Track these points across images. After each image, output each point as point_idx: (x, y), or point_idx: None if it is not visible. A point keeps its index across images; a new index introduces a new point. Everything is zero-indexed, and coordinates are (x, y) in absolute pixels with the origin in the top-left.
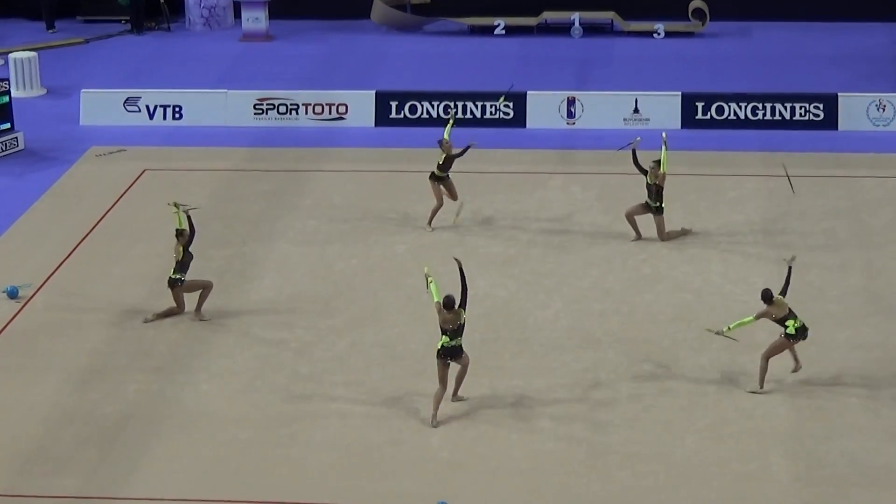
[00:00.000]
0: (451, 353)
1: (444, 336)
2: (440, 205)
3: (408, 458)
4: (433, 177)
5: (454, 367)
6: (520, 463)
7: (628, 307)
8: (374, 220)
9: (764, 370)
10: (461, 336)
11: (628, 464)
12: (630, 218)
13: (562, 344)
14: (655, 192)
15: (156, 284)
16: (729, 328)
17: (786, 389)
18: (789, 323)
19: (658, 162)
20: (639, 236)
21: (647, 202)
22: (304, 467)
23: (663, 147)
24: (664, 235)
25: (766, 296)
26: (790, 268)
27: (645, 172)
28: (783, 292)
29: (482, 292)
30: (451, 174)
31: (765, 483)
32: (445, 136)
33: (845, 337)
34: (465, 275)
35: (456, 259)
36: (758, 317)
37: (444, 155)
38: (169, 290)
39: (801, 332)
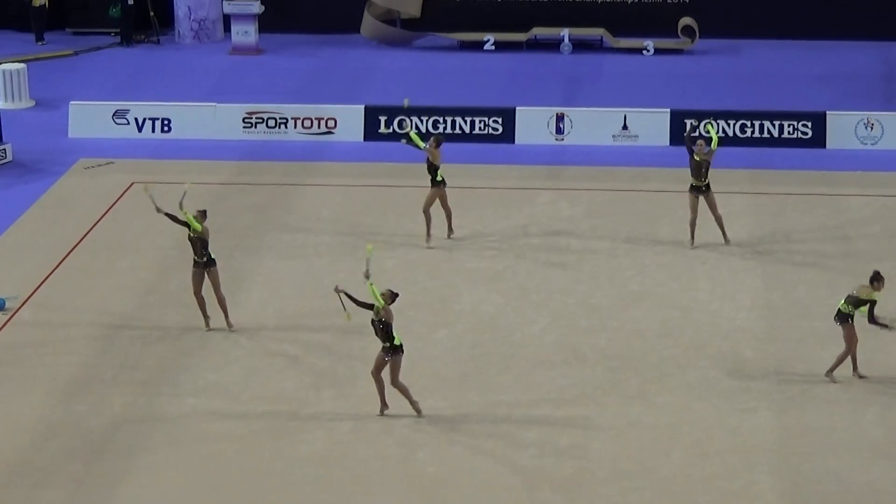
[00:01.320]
0: None
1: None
2: (447, 212)
3: (394, 473)
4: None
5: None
6: (506, 478)
7: (615, 323)
8: (362, 235)
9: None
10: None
11: (614, 480)
12: (693, 224)
13: (548, 360)
14: (704, 169)
15: (143, 297)
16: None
17: (772, 407)
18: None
19: (707, 140)
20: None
21: (693, 186)
22: (290, 481)
23: (711, 128)
24: (718, 212)
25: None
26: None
27: (691, 151)
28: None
29: (469, 307)
30: (445, 181)
31: (750, 500)
32: (421, 145)
33: (831, 355)
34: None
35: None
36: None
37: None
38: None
39: (837, 314)
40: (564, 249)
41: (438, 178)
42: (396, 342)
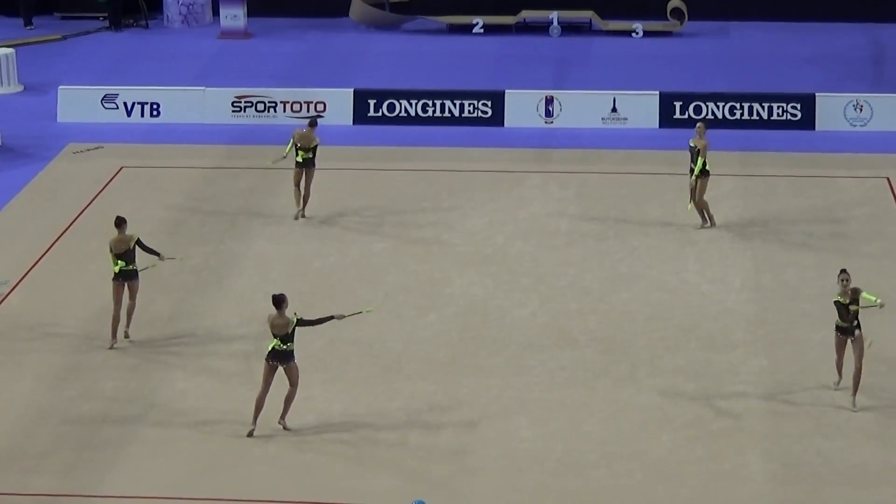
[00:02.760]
0: (278, 357)
1: (275, 339)
2: (305, 193)
3: (385, 456)
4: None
5: (281, 376)
6: (497, 461)
7: (605, 306)
8: (351, 218)
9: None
10: (291, 343)
11: (605, 462)
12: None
13: (539, 342)
14: (696, 154)
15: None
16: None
17: (762, 389)
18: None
19: (704, 124)
20: (708, 223)
21: (691, 168)
22: (281, 464)
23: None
24: (701, 200)
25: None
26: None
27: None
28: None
29: (459, 291)
30: (314, 163)
31: (741, 482)
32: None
33: (821, 337)
34: (323, 320)
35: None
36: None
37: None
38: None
39: (839, 329)
40: (554, 232)
41: (300, 159)
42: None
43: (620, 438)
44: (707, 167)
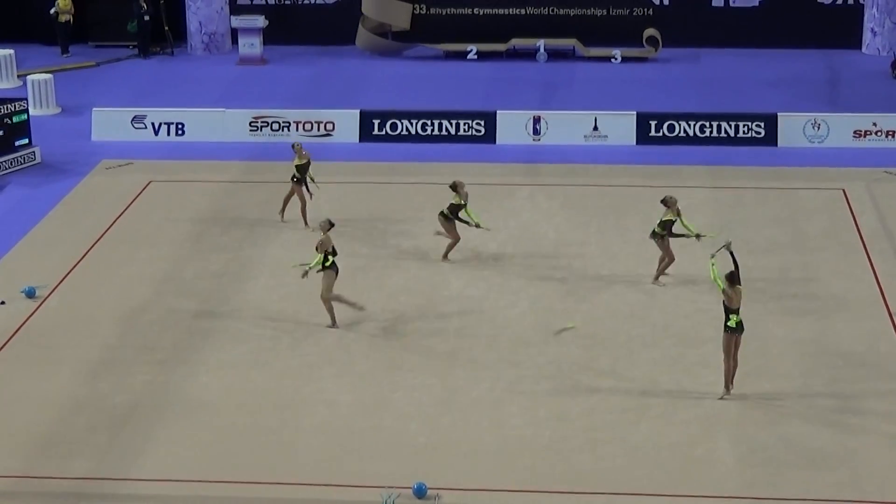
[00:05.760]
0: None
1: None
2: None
3: (388, 443)
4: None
5: None
6: (490, 447)
7: (588, 306)
8: (358, 227)
9: (728, 369)
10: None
11: (588, 447)
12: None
13: (528, 339)
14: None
15: (160, 285)
16: (713, 263)
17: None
18: (732, 317)
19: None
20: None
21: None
22: (294, 450)
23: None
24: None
25: (731, 278)
26: (731, 253)
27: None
28: (738, 279)
29: (456, 292)
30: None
31: (711, 465)
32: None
33: (784, 333)
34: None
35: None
36: (723, 290)
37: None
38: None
39: (740, 327)
40: (542, 239)
41: (295, 177)
42: None
43: (602, 426)
44: None
